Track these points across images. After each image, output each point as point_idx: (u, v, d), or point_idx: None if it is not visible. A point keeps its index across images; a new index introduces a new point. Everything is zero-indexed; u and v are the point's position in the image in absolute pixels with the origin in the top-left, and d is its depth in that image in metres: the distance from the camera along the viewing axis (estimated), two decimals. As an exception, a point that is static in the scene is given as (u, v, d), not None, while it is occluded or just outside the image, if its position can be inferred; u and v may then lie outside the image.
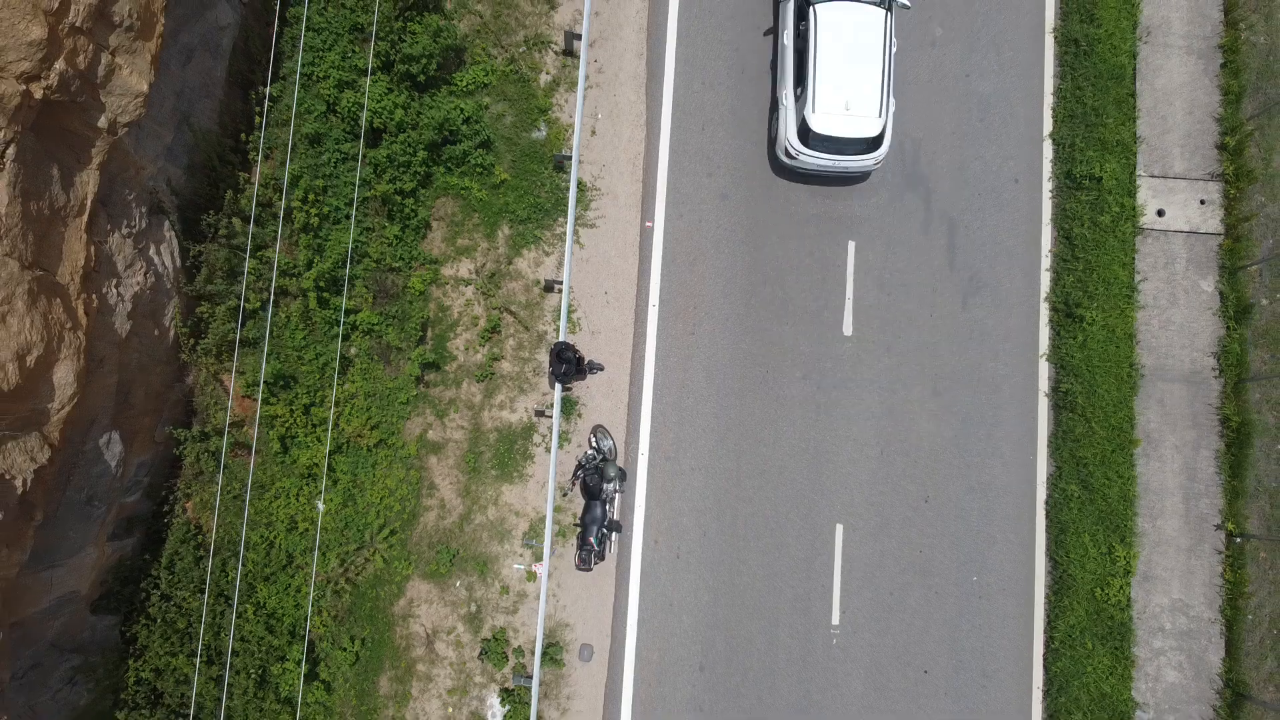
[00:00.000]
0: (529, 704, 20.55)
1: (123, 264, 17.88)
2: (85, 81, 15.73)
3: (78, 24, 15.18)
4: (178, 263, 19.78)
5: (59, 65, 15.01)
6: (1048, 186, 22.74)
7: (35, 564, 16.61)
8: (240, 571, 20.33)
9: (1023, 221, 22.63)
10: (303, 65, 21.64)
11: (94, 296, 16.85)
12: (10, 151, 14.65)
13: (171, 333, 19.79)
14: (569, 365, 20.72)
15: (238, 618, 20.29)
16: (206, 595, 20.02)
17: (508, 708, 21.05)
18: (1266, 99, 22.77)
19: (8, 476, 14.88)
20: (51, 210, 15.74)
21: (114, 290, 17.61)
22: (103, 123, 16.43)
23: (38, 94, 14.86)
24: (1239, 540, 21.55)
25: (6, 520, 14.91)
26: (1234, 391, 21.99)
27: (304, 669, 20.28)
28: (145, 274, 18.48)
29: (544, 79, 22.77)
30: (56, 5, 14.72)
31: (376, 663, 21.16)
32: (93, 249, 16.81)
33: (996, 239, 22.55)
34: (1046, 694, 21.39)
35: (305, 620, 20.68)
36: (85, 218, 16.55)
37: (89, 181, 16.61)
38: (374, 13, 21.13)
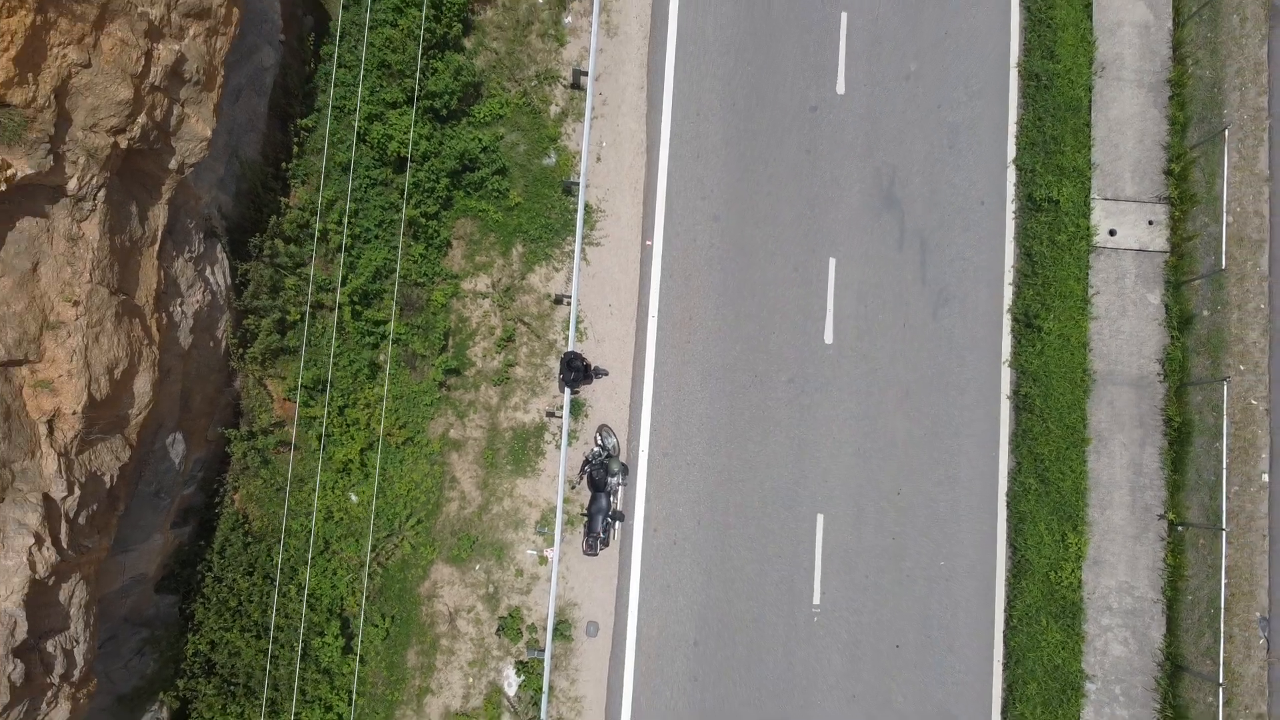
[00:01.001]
0: (541, 674, 23.32)
1: (185, 285, 20.57)
2: (160, 131, 18.40)
3: (156, 83, 17.84)
4: (228, 280, 22.47)
5: (141, 119, 17.67)
6: (1011, 208, 25.39)
7: (113, 550, 19.33)
8: (283, 556, 23.08)
9: (988, 240, 25.29)
10: (335, 99, 24.28)
11: (164, 315, 19.55)
12: (100, 195, 17.33)
13: (223, 343, 22.49)
14: (577, 372, 23.45)
15: (281, 597, 23.05)
16: (254, 577, 22.80)
17: (522, 678, 23.82)
18: (1209, 128, 25.41)
19: (99, 473, 17.59)
20: (130, 242, 18.43)
21: (179, 309, 20.31)
22: (173, 164, 19.10)
23: (123, 144, 17.53)
24: (1179, 529, 24.28)
25: (99, 511, 17.64)
26: (1176, 394, 24.69)
27: (340, 643, 23.04)
28: (203, 293, 21.16)
29: (554, 110, 25.42)
30: (140, 69, 17.37)
31: (404, 638, 23.92)
32: (162, 273, 19.51)
33: (964, 256, 25.21)
34: (1006, 666, 24.14)
35: (341, 600, 23.45)
36: (156, 246, 19.24)
37: (160, 215, 19.29)
38: (400, 51, 23.72)
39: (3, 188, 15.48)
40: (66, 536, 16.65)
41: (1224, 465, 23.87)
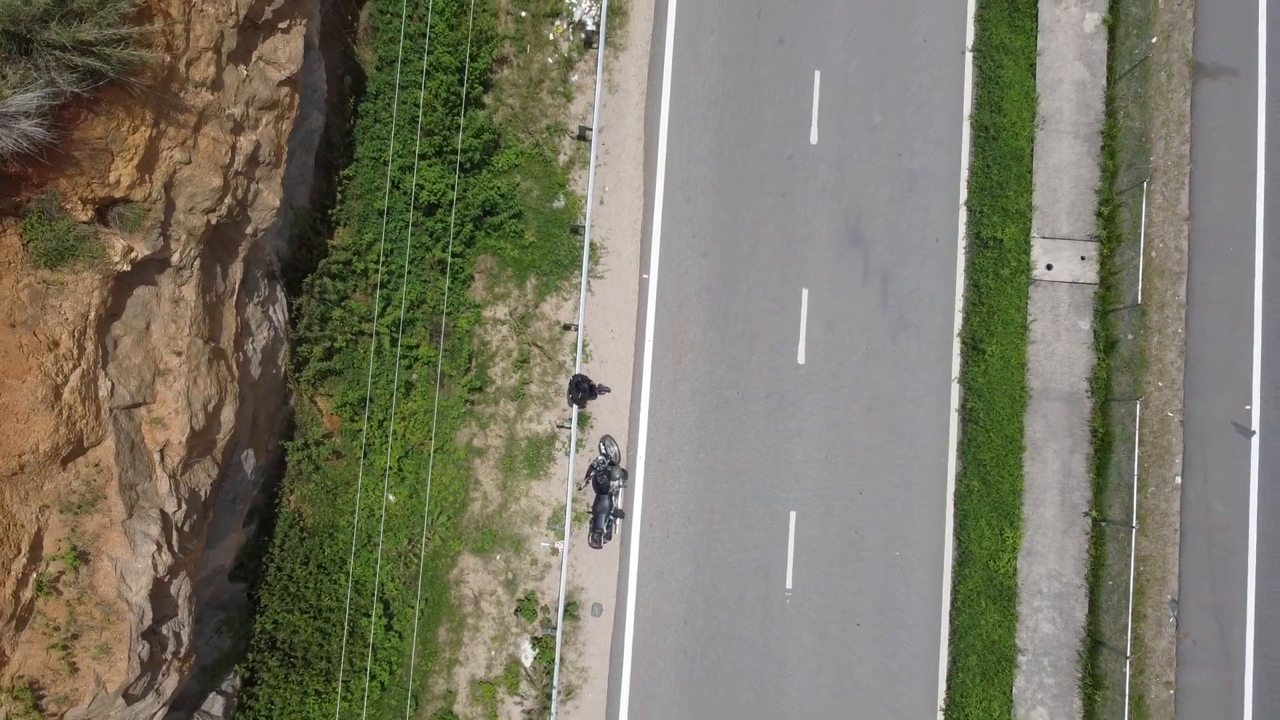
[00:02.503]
0: (554, 648, 28.00)
1: (254, 325, 24.96)
2: (241, 206, 22.72)
3: (239, 169, 22.14)
4: (286, 315, 26.86)
5: (228, 200, 21.99)
6: (962, 245, 29.69)
7: (203, 548, 23.87)
8: (332, 549, 27.68)
9: (941, 273, 29.62)
10: (371, 151, 28.51)
11: (240, 353, 23.97)
12: (196, 263, 21.68)
13: (282, 369, 26.92)
14: (583, 391, 27.92)
15: (332, 583, 27.67)
16: (309, 566, 27.41)
17: (537, 651, 28.50)
18: (1136, 174, 29.66)
19: (196, 489, 22.10)
20: (216, 297, 22.81)
21: (250, 345, 24.72)
22: (249, 230, 23.44)
23: (213, 221, 21.86)
24: (1102, 524, 28.86)
25: (196, 520, 22.18)
26: (1101, 408, 29.17)
27: (383, 622, 27.69)
28: (268, 329, 25.56)
29: (562, 159, 29.66)
30: (228, 160, 21.67)
31: (436, 618, 28.57)
32: (238, 319, 23.90)
33: (920, 287, 29.55)
34: (950, 641, 28.80)
35: (382, 585, 28.07)
36: (234, 297, 23.62)
37: (237, 271, 23.66)
38: (430, 113, 27.90)
39: (128, 267, 19.82)
40: (176, 542, 21.19)
41: (1135, 471, 28.37)
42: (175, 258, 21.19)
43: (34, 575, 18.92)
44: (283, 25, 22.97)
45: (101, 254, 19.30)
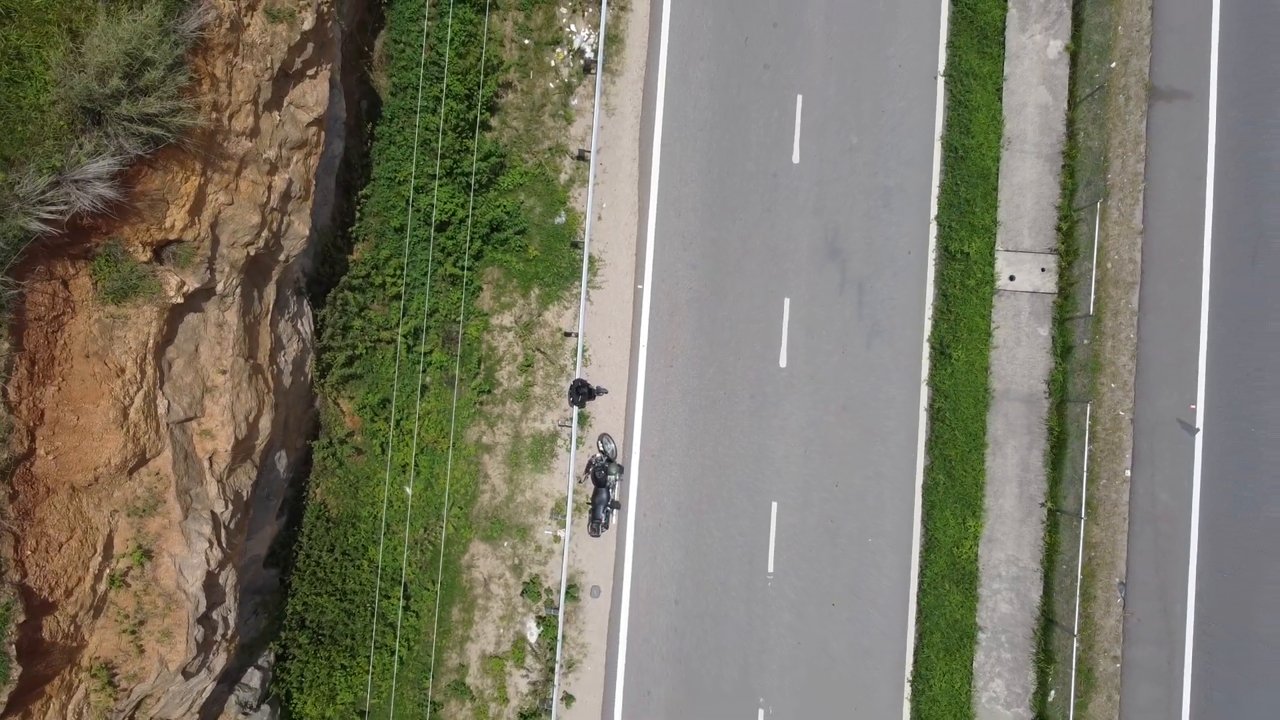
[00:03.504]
0: (556, 626, 31.31)
1: (285, 339, 28.02)
2: (275, 236, 25.71)
3: (274, 205, 25.11)
4: (311, 327, 29.91)
5: (265, 233, 24.98)
6: (931, 258, 32.61)
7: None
8: (355, 537, 30.93)
9: (912, 284, 32.58)
10: (387, 171, 31.40)
11: (275, 366, 27.06)
12: (237, 290, 24.71)
13: (309, 375, 30.00)
14: (583, 394, 31.01)
15: (355, 569, 30.94)
16: (334, 553, 30.67)
17: (541, 628, 31.81)
18: (1094, 191, 32.52)
19: (239, 491, 25.29)
20: (253, 318, 25.86)
21: (283, 358, 27.79)
22: (282, 257, 26.45)
23: (252, 252, 24.86)
24: (1056, 514, 32.04)
25: (239, 517, 25.37)
26: (1057, 409, 32.26)
27: (402, 603, 31.01)
28: (297, 342, 28.63)
29: (563, 178, 32.55)
30: (265, 198, 24.63)
31: (449, 599, 31.87)
32: (272, 335, 26.96)
33: (893, 296, 32.54)
34: (917, 620, 32.08)
35: (400, 570, 31.36)
36: (269, 317, 26.67)
37: (270, 293, 26.68)
38: (441, 139, 30.76)
39: (181, 299, 22.86)
40: (224, 538, 24.40)
41: (1085, 466, 31.51)
42: (219, 287, 24.22)
43: (107, 571, 22.15)
44: (310, 72, 25.82)
45: (159, 289, 22.32)
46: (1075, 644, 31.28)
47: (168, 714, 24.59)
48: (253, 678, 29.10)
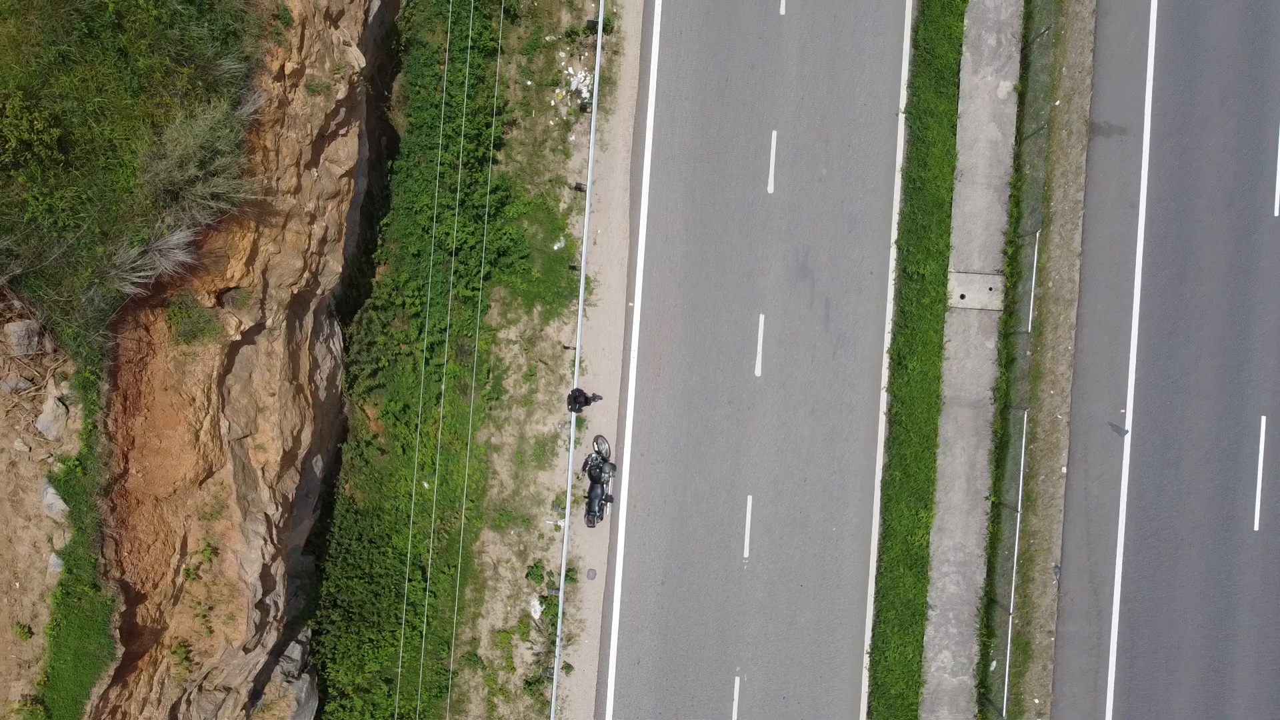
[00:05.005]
0: (557, 604, 36.37)
1: (320, 358, 32.79)
2: (313, 275, 30.39)
3: (313, 250, 29.75)
4: (341, 345, 34.65)
5: (306, 274, 29.64)
6: (891, 278, 37.25)
7: (285, 532, 32.02)
8: (379, 527, 35.91)
9: (874, 301, 37.25)
10: (404, 202, 35.97)
11: (313, 384, 31.83)
12: (282, 324, 29.43)
13: (339, 387, 34.81)
14: (580, 401, 35.81)
15: (380, 554, 35.93)
16: (362, 541, 35.66)
17: (544, 607, 36.88)
18: (1038, 218, 37.09)
19: (286, 494, 30.18)
20: (295, 345, 30.61)
21: (319, 376, 32.57)
22: (319, 291, 31.14)
23: (295, 291, 29.55)
24: (999, 506, 36.96)
25: (287, 517, 30.29)
26: (1001, 413, 37.08)
27: (422, 585, 36.02)
28: (329, 360, 33.40)
29: (562, 207, 37.12)
30: (306, 245, 29.27)
31: (463, 580, 36.90)
32: (311, 357, 31.71)
33: (857, 312, 37.23)
34: (875, 599, 37.11)
35: (420, 555, 36.35)
36: (308, 341, 31.41)
37: (309, 321, 31.41)
38: (453, 174, 35.30)
39: (239, 337, 27.60)
40: (275, 535, 29.34)
41: (1024, 465, 36.38)
42: (268, 322, 28.94)
43: (183, 566, 27.12)
44: (342, 131, 30.36)
45: (221, 329, 27.07)
46: (1012, 620, 36.36)
47: (229, 682, 29.69)
48: (294, 650, 34.17)
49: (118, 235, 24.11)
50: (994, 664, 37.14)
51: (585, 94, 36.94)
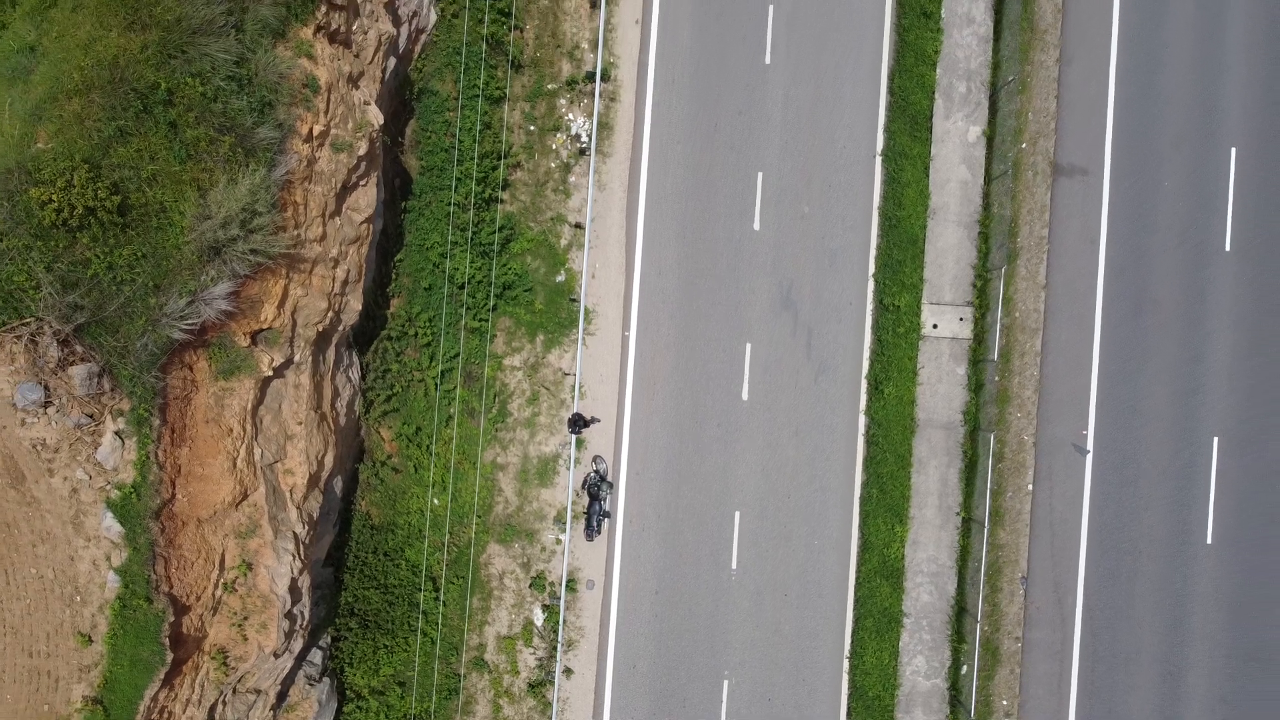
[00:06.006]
0: (558, 612, 39.77)
1: (341, 387, 36.17)
2: (336, 314, 33.77)
3: (336, 291, 33.14)
4: (358, 373, 38.04)
5: (330, 314, 33.02)
6: (869, 309, 40.61)
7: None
8: (393, 541, 39.31)
9: (853, 330, 40.62)
10: (417, 240, 39.35)
11: (334, 411, 35.22)
12: (309, 358, 32.82)
13: (357, 412, 38.18)
14: (580, 424, 39.22)
15: (394, 566, 39.33)
16: (377, 554, 39.07)
17: (546, 614, 40.28)
18: (1005, 253, 40.43)
19: (311, 513, 33.57)
20: (320, 377, 34.00)
21: (340, 404, 35.96)
22: (341, 327, 34.53)
23: (320, 329, 32.93)
24: (969, 521, 40.34)
25: (312, 534, 33.67)
26: (971, 435, 40.45)
27: (433, 594, 39.41)
28: (349, 388, 36.78)
29: (563, 243, 40.51)
30: (330, 287, 32.63)
31: (471, 590, 40.29)
32: (333, 386, 35.09)
33: (837, 340, 40.60)
34: (854, 607, 40.48)
35: (430, 567, 39.74)
36: (330, 373, 34.80)
37: (331, 355, 34.81)
38: (462, 214, 38.65)
39: (270, 372, 30.98)
40: (302, 551, 32.74)
41: (991, 483, 39.74)
42: (296, 358, 32.34)
43: (222, 580, 30.53)
44: (362, 182, 33.77)
45: (255, 366, 30.46)
46: (981, 628, 39.76)
47: (259, 685, 33.09)
48: (315, 655, 37.58)
49: (168, 287, 27.51)
50: (965, 668, 40.50)
51: (584, 138, 40.30)
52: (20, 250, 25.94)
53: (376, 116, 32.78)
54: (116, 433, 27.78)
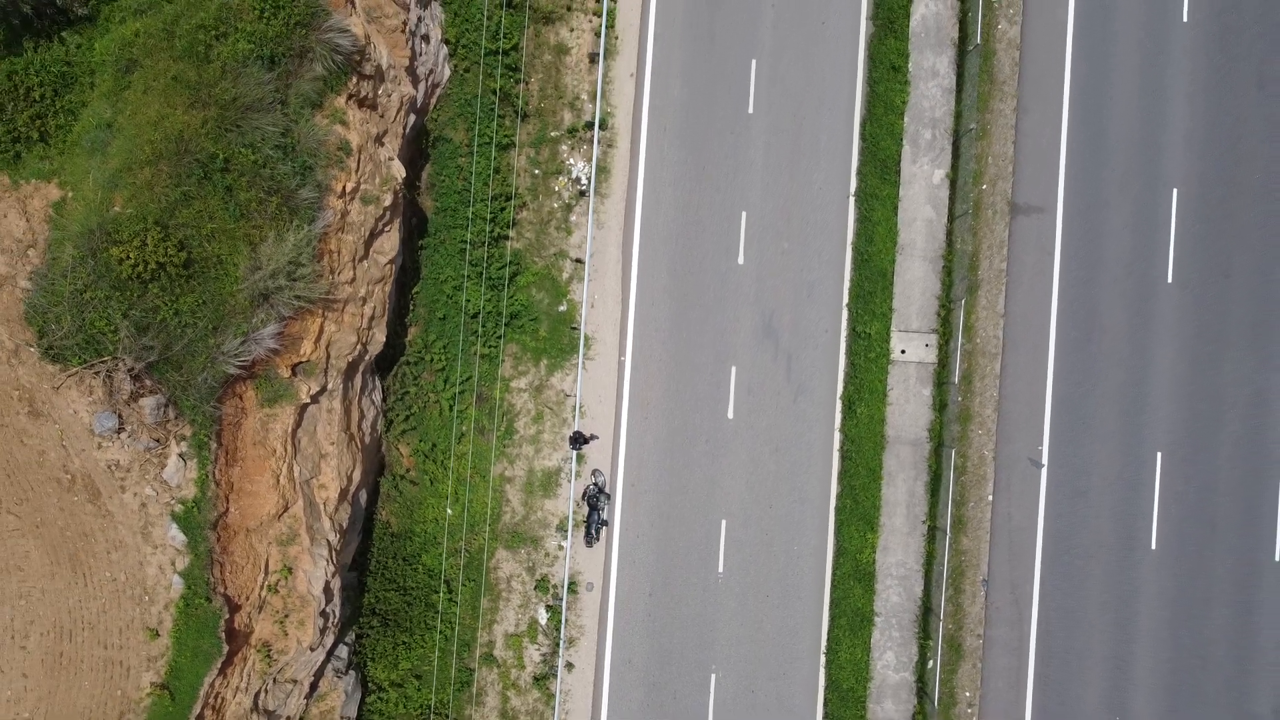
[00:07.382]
0: (561, 612, 44.66)
1: (366, 409, 41.06)
2: (364, 346, 38.62)
3: (364, 326, 38.00)
4: (380, 396, 42.93)
5: (358, 346, 37.87)
6: (843, 336, 45.49)
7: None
8: (411, 547, 44.22)
9: (829, 355, 45.49)
10: (433, 274, 44.25)
11: (361, 431, 40.10)
12: (339, 386, 37.69)
13: (378, 431, 43.07)
14: (580, 440, 44.13)
15: (412, 570, 44.23)
16: (397, 560, 43.98)
17: (549, 614, 45.19)
18: (966, 286, 45.28)
19: (342, 524, 38.46)
20: (348, 401, 38.88)
21: (365, 424, 40.82)
22: (367, 357, 39.42)
23: (350, 360, 37.80)
24: (934, 529, 45.21)
25: (343, 542, 38.55)
26: (935, 451, 45.34)
27: (447, 596, 44.29)
28: (372, 409, 41.65)
29: (564, 276, 45.40)
30: (359, 323, 37.52)
31: (480, 592, 45.18)
32: (359, 409, 39.98)
33: (815, 365, 45.48)
34: (830, 608, 45.34)
35: (445, 571, 44.63)
36: (357, 397, 39.69)
37: (358, 381, 39.69)
38: (475, 249, 43.52)
39: (308, 400, 35.86)
40: (334, 557, 37.63)
41: (954, 494, 44.61)
42: (329, 385, 37.23)
43: (266, 583, 35.45)
44: (387, 229, 38.65)
45: (295, 395, 35.37)
46: (945, 626, 44.66)
47: (296, 676, 38.00)
48: (342, 650, 42.48)
49: (224, 329, 32.41)
50: (930, 663, 45.41)
51: (584, 181, 45.19)
52: (101, 300, 30.88)
53: (400, 170, 37.67)
54: (180, 455, 32.68)
